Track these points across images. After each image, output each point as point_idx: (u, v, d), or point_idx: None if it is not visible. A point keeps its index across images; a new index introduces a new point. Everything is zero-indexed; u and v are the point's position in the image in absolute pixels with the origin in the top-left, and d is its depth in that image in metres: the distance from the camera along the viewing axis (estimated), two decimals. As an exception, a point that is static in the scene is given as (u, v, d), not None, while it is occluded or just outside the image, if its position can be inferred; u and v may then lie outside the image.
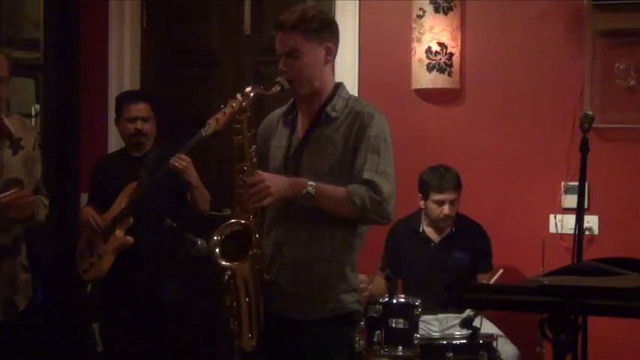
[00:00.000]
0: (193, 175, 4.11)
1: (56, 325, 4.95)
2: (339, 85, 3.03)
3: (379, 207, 2.86)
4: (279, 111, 3.12)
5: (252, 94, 2.89)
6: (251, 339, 2.90)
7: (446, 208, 4.20)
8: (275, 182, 2.84)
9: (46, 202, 3.64)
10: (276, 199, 2.85)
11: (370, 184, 2.85)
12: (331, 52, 2.99)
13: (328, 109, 2.95)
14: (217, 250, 2.85)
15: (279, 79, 2.92)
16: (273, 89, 2.91)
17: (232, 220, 2.89)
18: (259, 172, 2.87)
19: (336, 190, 2.86)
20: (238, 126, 2.90)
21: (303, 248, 2.92)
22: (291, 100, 3.06)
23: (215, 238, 2.87)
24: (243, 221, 2.87)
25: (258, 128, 3.09)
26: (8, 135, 3.51)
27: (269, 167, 2.99)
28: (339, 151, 2.91)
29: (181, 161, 4.05)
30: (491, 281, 3.99)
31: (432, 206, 4.23)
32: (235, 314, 2.90)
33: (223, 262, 2.85)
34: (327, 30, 2.98)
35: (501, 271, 4.04)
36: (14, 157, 3.51)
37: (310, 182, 2.83)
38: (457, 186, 4.23)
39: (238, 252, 2.85)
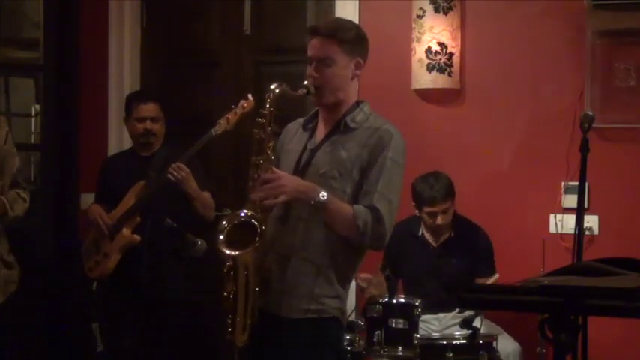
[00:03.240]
0: (191, 186, 4.11)
1: (56, 325, 4.97)
2: (362, 101, 3.06)
3: (378, 237, 2.90)
4: (300, 120, 3.15)
5: (277, 91, 2.91)
6: (243, 334, 2.91)
7: (438, 219, 4.19)
8: (291, 182, 2.86)
9: (24, 195, 3.60)
10: (288, 199, 2.85)
11: (376, 213, 2.87)
12: (360, 68, 3.02)
13: (348, 119, 2.98)
14: (222, 236, 2.86)
15: (306, 82, 2.95)
16: (299, 91, 2.95)
17: (242, 211, 2.88)
18: (275, 169, 2.89)
19: (344, 207, 2.87)
20: (261, 120, 2.91)
21: (294, 246, 2.92)
22: (315, 109, 3.09)
23: (223, 223, 2.87)
24: (250, 213, 2.86)
25: (279, 126, 3.10)
26: None
27: (280, 168, 2.99)
28: (351, 159, 2.92)
29: (180, 172, 4.04)
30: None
31: (425, 217, 4.22)
32: (231, 307, 2.90)
33: (225, 250, 2.85)
34: (360, 45, 3.02)
35: (497, 275, 4.03)
36: None
37: (323, 191, 2.85)
38: (448, 195, 4.18)
39: (243, 243, 2.85)
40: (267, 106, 2.91)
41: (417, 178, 4.22)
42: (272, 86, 2.93)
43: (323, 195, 2.84)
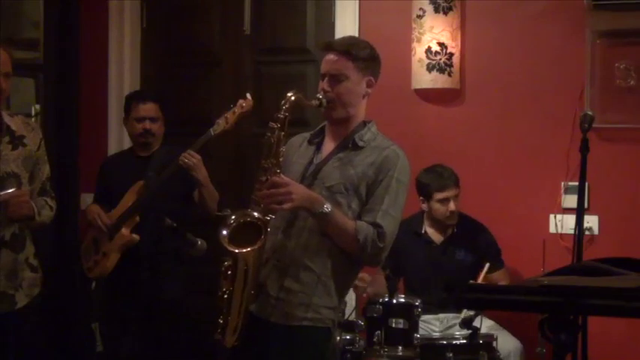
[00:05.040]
0: (203, 173, 4.10)
1: (56, 325, 4.96)
2: (369, 121, 3.08)
3: (376, 253, 2.92)
4: (305, 134, 3.16)
5: (293, 98, 2.93)
6: (233, 335, 2.91)
7: (452, 205, 4.21)
8: (298, 190, 2.87)
9: (52, 203, 3.65)
10: (293, 207, 2.86)
11: (378, 229, 2.90)
12: (371, 86, 3.05)
13: (356, 137, 3.01)
14: (225, 232, 2.86)
15: (319, 95, 2.97)
16: (313, 101, 2.98)
17: (250, 211, 2.89)
18: (283, 176, 2.90)
19: (346, 222, 2.90)
20: (275, 124, 2.92)
21: (296, 256, 2.93)
22: (322, 124, 3.12)
23: (231, 219, 2.88)
24: (257, 214, 2.87)
25: (290, 134, 3.10)
26: (7, 130, 3.52)
27: None
28: (358, 175, 2.95)
29: (192, 158, 4.04)
30: (480, 277, 3.98)
31: (437, 206, 4.23)
32: (225, 307, 2.90)
33: (228, 247, 2.85)
34: (373, 64, 3.06)
35: (488, 264, 4.02)
36: (13, 152, 3.53)
37: (328, 204, 2.87)
38: (457, 182, 4.24)
39: (245, 243, 2.85)
40: (283, 111, 2.93)
41: (421, 171, 4.25)
42: (289, 94, 2.95)
43: (327, 207, 2.86)
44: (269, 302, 2.94)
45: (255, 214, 2.87)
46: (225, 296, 2.90)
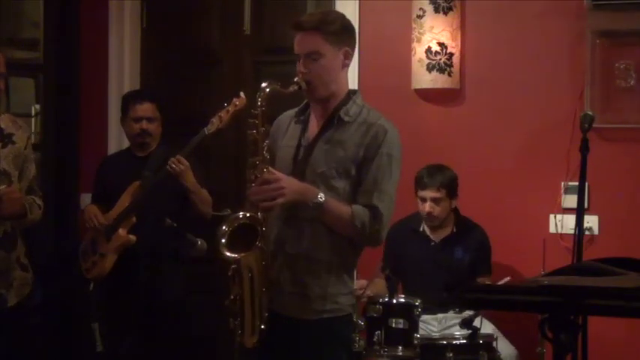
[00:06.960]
0: (190, 180, 4.10)
1: (56, 325, 4.97)
2: (354, 92, 3.04)
3: (375, 234, 2.92)
4: (291, 112, 3.13)
5: (267, 90, 2.91)
6: (253, 336, 2.90)
7: (426, 206, 4.21)
8: (289, 184, 2.85)
9: (40, 202, 3.63)
10: (286, 201, 2.85)
11: (374, 211, 2.89)
12: (349, 57, 3.01)
13: (342, 113, 2.97)
14: (223, 240, 2.85)
15: (297, 79, 2.94)
16: (291, 88, 2.93)
17: (240, 213, 2.89)
18: (273, 170, 2.88)
19: (342, 208, 2.88)
20: (253, 120, 2.91)
21: (303, 247, 2.93)
22: (305, 100, 3.08)
23: (223, 228, 2.87)
24: (249, 214, 2.86)
25: (272, 125, 3.09)
26: None
27: (276, 165, 2.98)
28: (349, 157, 2.92)
29: (179, 164, 4.04)
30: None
31: (418, 202, 4.25)
32: (238, 310, 2.90)
33: (228, 253, 2.84)
34: (346, 34, 3.01)
35: (508, 278, 4.01)
36: (3, 150, 3.51)
37: (321, 193, 2.85)
38: (443, 185, 4.20)
39: (245, 245, 2.85)
40: (259, 105, 2.91)
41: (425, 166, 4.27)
42: (263, 85, 2.92)
43: (321, 197, 2.84)
44: (285, 298, 2.93)
45: (248, 214, 2.86)
46: (237, 299, 2.89)
